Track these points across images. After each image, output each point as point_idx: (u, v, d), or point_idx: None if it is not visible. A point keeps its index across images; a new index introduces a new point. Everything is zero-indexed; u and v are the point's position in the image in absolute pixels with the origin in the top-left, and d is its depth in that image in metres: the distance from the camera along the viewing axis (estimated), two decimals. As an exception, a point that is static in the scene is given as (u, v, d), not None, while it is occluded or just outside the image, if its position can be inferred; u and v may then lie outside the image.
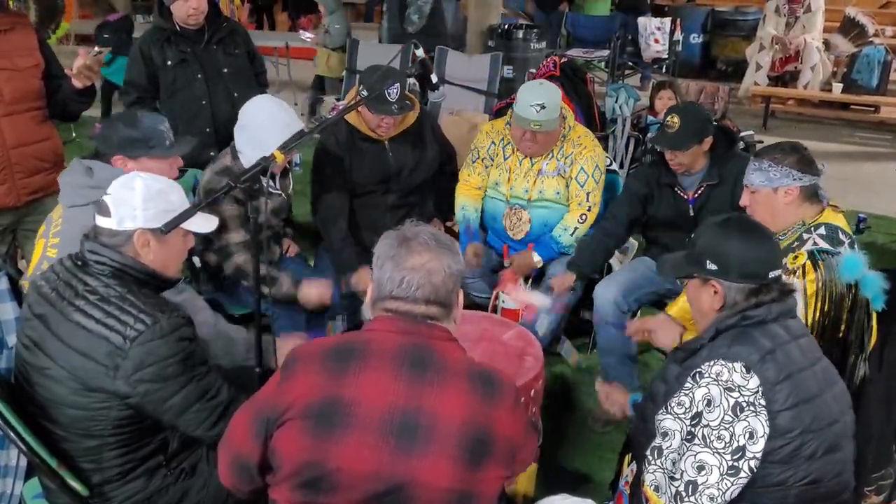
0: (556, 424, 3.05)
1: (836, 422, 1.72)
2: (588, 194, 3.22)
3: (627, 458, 2.32)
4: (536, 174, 3.22)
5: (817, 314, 2.16)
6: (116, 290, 1.79)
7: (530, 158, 3.23)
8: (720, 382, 1.66)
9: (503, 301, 3.20)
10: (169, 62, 3.41)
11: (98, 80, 2.88)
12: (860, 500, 2.14)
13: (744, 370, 1.66)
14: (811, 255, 2.17)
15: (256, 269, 2.06)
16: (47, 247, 2.30)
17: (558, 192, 3.23)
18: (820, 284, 2.13)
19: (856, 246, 2.23)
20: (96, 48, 2.86)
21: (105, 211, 1.84)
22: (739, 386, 1.64)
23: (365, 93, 2.88)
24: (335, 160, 3.08)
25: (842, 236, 2.21)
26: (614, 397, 2.25)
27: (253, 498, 1.68)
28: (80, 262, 1.85)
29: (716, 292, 1.79)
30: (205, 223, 2.00)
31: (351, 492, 1.44)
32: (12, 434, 1.77)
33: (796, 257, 2.19)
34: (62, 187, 2.35)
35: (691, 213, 3.02)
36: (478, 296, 3.36)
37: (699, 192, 3.00)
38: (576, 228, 3.22)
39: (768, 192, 2.30)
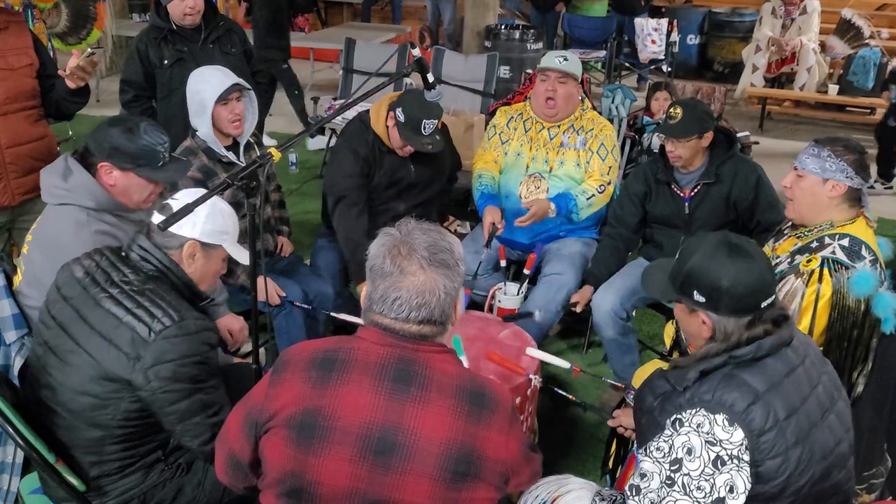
0: (550, 424, 3.05)
1: (831, 453, 1.65)
2: (609, 168, 3.30)
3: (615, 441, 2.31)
4: (558, 146, 3.31)
5: (823, 326, 2.14)
6: (151, 286, 1.84)
7: (549, 131, 3.31)
8: (701, 434, 1.57)
9: (499, 301, 3.21)
10: (165, 61, 3.41)
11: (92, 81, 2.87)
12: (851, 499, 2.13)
13: (726, 423, 1.56)
14: (824, 262, 2.14)
15: (254, 261, 2.09)
16: (27, 243, 2.30)
17: (578, 164, 3.30)
18: (830, 296, 2.11)
19: (879, 265, 2.18)
20: (89, 49, 2.84)
21: (168, 211, 1.86)
22: (721, 440, 1.55)
23: (402, 118, 2.98)
24: (365, 162, 3.13)
25: (864, 252, 2.16)
26: (629, 423, 2.13)
27: (248, 495, 1.68)
28: (123, 255, 1.90)
29: (704, 323, 1.69)
30: (242, 255, 2.07)
31: None
32: (10, 429, 1.77)
33: (809, 260, 2.15)
34: (41, 181, 2.27)
35: (686, 211, 3.04)
36: (478, 294, 3.37)
37: (695, 190, 3.02)
38: (593, 195, 3.27)
39: (817, 181, 2.26)
